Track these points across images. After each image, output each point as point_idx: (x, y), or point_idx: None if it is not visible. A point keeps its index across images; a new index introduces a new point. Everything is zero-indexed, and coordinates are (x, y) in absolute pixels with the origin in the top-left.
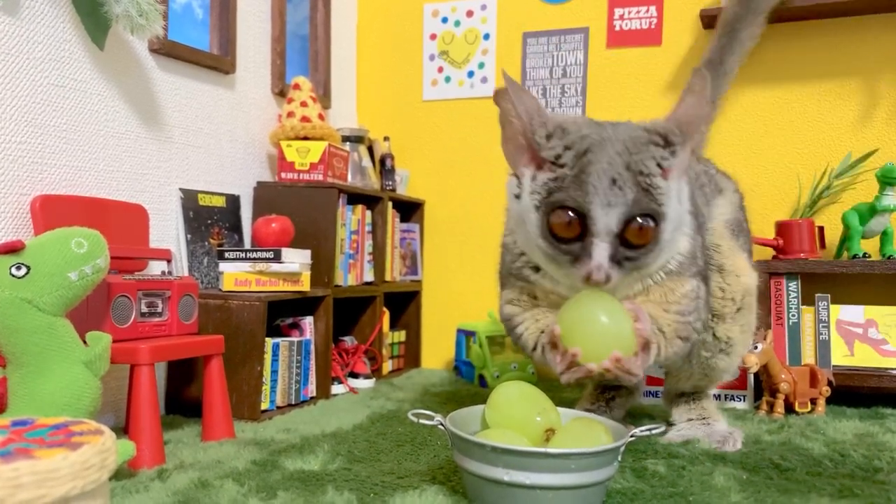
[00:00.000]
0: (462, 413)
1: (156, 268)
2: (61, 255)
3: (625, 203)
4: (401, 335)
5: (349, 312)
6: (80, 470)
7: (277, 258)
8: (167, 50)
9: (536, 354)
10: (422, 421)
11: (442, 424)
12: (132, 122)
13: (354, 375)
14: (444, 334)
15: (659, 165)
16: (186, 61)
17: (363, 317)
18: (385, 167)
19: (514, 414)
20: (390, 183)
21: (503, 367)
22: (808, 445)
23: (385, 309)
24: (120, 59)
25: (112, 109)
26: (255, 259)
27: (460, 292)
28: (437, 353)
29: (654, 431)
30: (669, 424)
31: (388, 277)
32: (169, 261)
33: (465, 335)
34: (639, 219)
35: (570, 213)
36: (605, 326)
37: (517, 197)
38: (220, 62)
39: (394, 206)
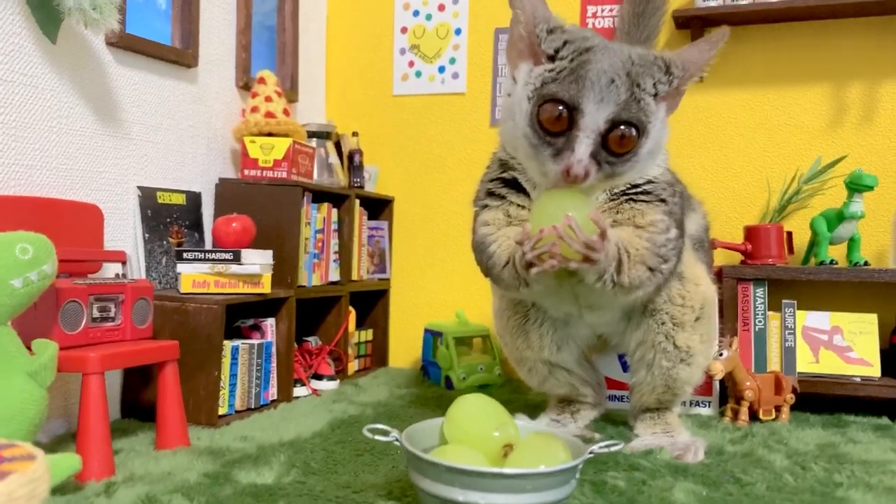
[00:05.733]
0: (419, 427)
1: (112, 269)
2: (4, 262)
3: (616, 103)
4: (368, 334)
5: (314, 312)
6: (6, 503)
7: (237, 259)
8: (125, 43)
9: (507, 270)
10: (377, 437)
11: (398, 440)
12: (87, 118)
13: (318, 377)
14: (412, 333)
15: (655, 86)
16: (145, 55)
17: (328, 316)
18: (353, 163)
19: (472, 429)
20: (358, 179)
21: (470, 368)
22: (770, 457)
23: (351, 308)
24: (74, 53)
25: (66, 105)
26: (213, 260)
27: (429, 290)
28: (405, 352)
29: (612, 448)
30: (635, 435)
31: (354, 276)
32: (124, 263)
33: (432, 335)
34: (623, 126)
35: (561, 106)
36: (570, 210)
37: (510, 95)
38: (181, 56)
39: (362, 204)
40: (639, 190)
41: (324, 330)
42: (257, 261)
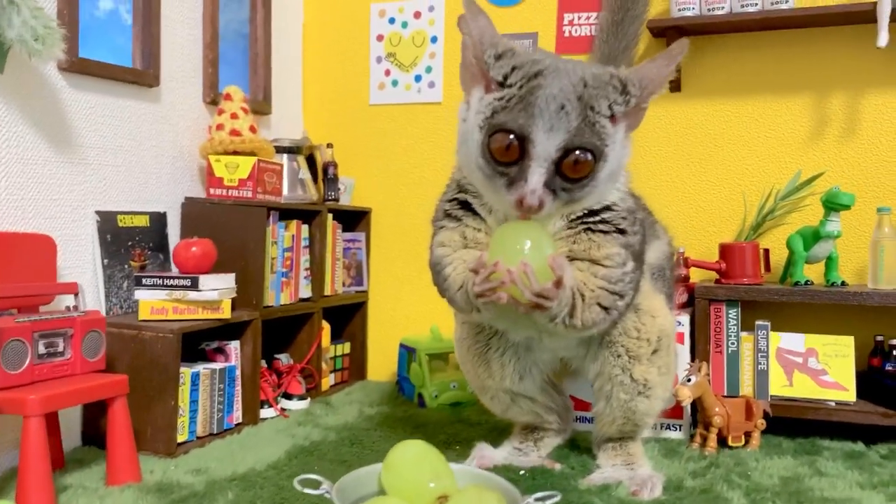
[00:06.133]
0: (356, 475)
1: (68, 300)
2: None
3: (567, 130)
4: (345, 347)
5: (286, 329)
6: None
7: (195, 286)
8: (78, 68)
9: (460, 294)
10: (307, 490)
11: (328, 493)
12: (39, 146)
13: (288, 396)
14: (391, 345)
15: (610, 108)
16: (101, 77)
17: (301, 333)
18: (328, 176)
19: (408, 478)
20: (333, 192)
21: (442, 386)
22: (728, 495)
23: (326, 323)
24: (24, 81)
25: (15, 135)
26: (171, 287)
27: (408, 302)
28: (383, 364)
29: (548, 501)
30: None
31: (328, 291)
32: (76, 294)
33: (406, 351)
34: (578, 151)
35: (511, 135)
36: (528, 249)
37: (464, 121)
38: (140, 76)
39: (337, 216)
40: (597, 219)
41: (296, 346)
42: (216, 286)
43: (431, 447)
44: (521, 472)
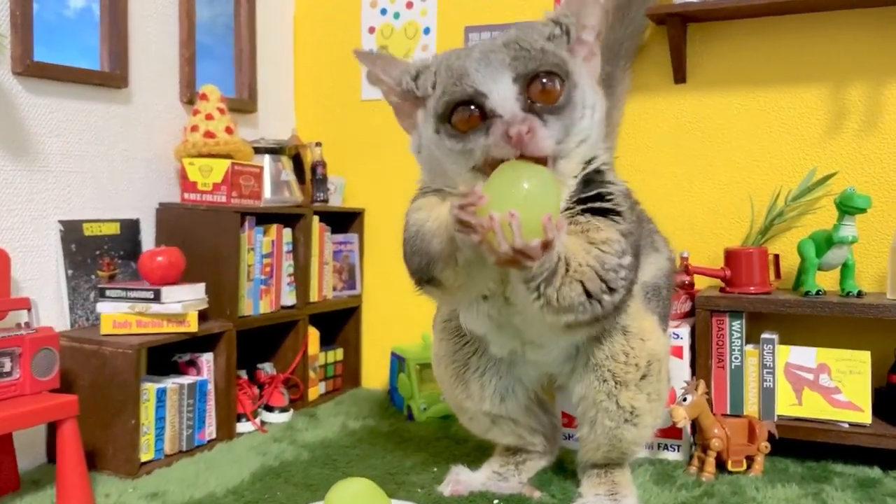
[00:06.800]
0: None
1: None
2: None
3: (514, 59)
4: (337, 354)
5: (269, 338)
6: None
7: (157, 298)
8: (34, 71)
9: (446, 233)
10: None
11: None
12: None
13: (270, 409)
14: (387, 351)
15: (550, 38)
16: (62, 80)
17: (286, 341)
18: (316, 176)
19: None
20: (321, 194)
21: (432, 398)
22: None
23: (314, 330)
24: None
25: None
26: (133, 299)
27: (405, 305)
28: (378, 371)
29: None
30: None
31: (314, 298)
32: (28, 310)
33: (397, 359)
34: (542, 77)
35: (470, 104)
36: (524, 195)
37: (419, 153)
38: (107, 78)
39: (327, 218)
40: (593, 193)
41: (281, 355)
42: (181, 298)
43: (373, 485)
44: (495, 502)
